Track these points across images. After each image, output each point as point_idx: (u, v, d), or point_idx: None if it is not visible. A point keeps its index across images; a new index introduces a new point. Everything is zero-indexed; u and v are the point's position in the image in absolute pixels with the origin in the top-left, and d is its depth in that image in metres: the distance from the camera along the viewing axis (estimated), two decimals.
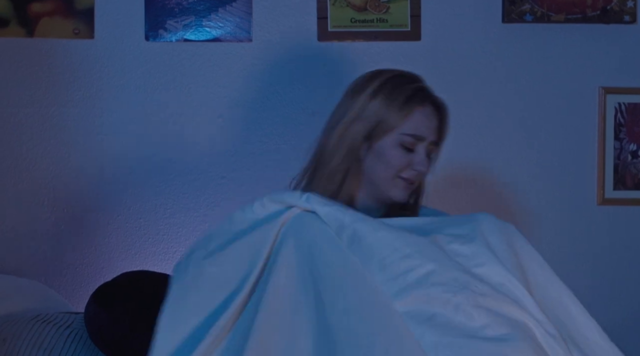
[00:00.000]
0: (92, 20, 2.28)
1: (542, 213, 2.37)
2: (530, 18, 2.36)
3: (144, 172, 2.30)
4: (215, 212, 2.31)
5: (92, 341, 1.78)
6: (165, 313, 1.43)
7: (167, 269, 2.26)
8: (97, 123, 2.29)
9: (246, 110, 2.32)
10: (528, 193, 2.37)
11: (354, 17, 2.34)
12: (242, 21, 2.32)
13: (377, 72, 1.68)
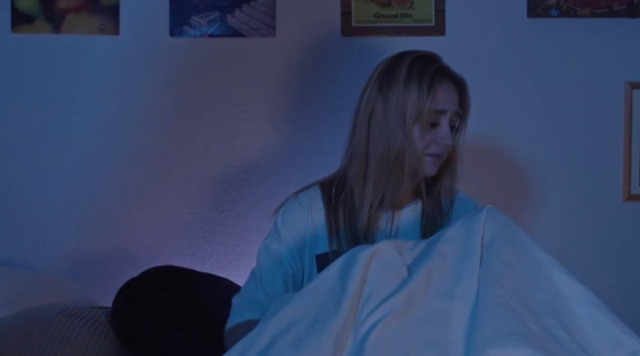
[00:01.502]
0: (118, 16, 2.29)
1: (567, 209, 2.35)
2: (555, 12, 2.34)
3: (168, 167, 2.31)
4: (239, 207, 2.32)
5: (118, 336, 1.80)
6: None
7: (192, 264, 2.27)
8: (122, 119, 2.31)
9: (270, 106, 2.32)
10: (553, 189, 2.35)
11: (378, 12, 2.33)
12: (265, 17, 2.32)
13: (399, 58, 1.74)
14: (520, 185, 2.35)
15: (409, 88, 1.70)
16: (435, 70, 1.72)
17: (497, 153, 2.34)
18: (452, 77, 1.75)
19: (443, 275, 1.39)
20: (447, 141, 1.71)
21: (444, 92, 1.72)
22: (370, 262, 1.41)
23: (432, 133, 1.72)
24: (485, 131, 1.66)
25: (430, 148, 1.72)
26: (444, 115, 1.71)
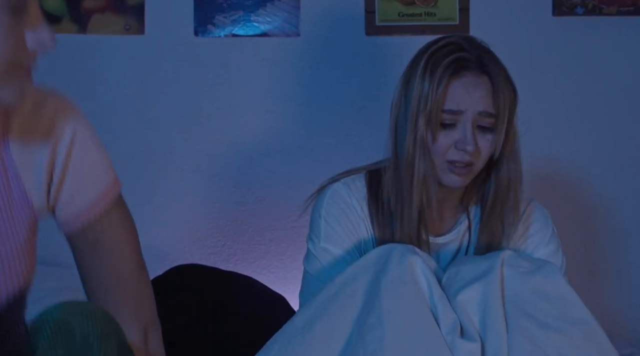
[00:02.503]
0: (143, 16, 2.31)
1: (588, 208, 2.34)
2: (581, 11, 2.33)
3: (193, 166, 2.32)
4: (262, 206, 2.32)
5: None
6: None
7: (216, 263, 2.28)
8: (147, 118, 2.32)
9: (294, 105, 2.33)
10: (583, 189, 2.34)
11: (402, 11, 2.33)
12: (290, 16, 2.33)
13: (422, 50, 1.56)
14: (544, 184, 2.34)
15: (423, 83, 1.49)
16: (452, 61, 1.49)
17: None
18: (481, 69, 1.50)
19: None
20: (466, 146, 1.48)
21: (460, 89, 1.49)
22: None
23: (449, 135, 1.50)
24: None
25: (449, 154, 1.50)
26: (461, 115, 1.49)
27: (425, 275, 1.38)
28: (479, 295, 1.38)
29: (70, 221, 1.25)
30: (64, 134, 1.20)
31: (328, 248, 1.58)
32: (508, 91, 1.52)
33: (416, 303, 1.36)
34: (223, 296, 1.92)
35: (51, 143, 1.19)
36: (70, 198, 1.23)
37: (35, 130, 1.18)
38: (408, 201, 1.52)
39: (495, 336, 1.35)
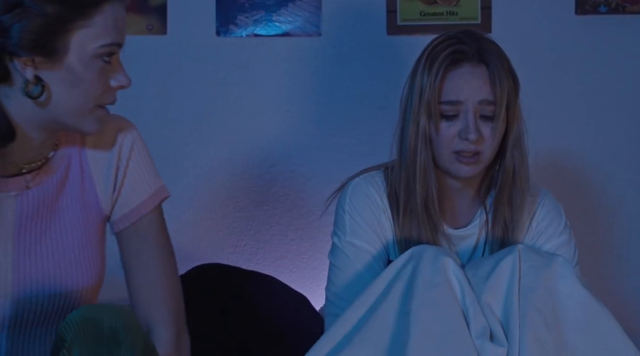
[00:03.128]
0: (165, 16, 2.32)
1: (612, 208, 2.32)
2: (604, 9, 2.31)
3: (215, 166, 2.33)
4: (284, 205, 2.33)
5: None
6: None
7: (238, 262, 2.29)
8: (168, 118, 2.33)
9: (315, 105, 2.33)
10: (602, 184, 2.32)
11: (424, 10, 2.32)
12: (311, 15, 2.33)
13: (425, 47, 1.60)
14: (563, 185, 2.32)
15: (423, 77, 1.54)
16: (450, 53, 1.53)
17: (541, 152, 2.31)
18: (479, 59, 1.54)
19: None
20: (469, 135, 1.52)
21: (458, 79, 1.53)
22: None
23: (452, 126, 1.54)
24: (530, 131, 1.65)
25: (454, 144, 1.54)
26: (461, 105, 1.53)
27: (457, 277, 1.39)
28: (503, 298, 1.39)
29: (124, 218, 1.42)
30: (126, 142, 1.42)
31: (354, 241, 1.61)
32: (507, 79, 1.55)
33: (448, 306, 1.37)
34: (245, 296, 1.92)
35: (117, 149, 1.41)
36: (127, 197, 1.42)
37: (105, 140, 1.40)
38: (413, 193, 1.57)
39: (515, 339, 1.36)
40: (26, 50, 1.25)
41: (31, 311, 1.34)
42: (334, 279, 1.63)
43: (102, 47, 1.29)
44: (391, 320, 1.38)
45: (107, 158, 1.41)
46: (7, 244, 1.32)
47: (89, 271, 1.37)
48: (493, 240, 1.62)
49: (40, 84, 1.27)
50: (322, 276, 2.19)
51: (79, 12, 1.27)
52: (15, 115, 1.29)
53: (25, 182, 1.34)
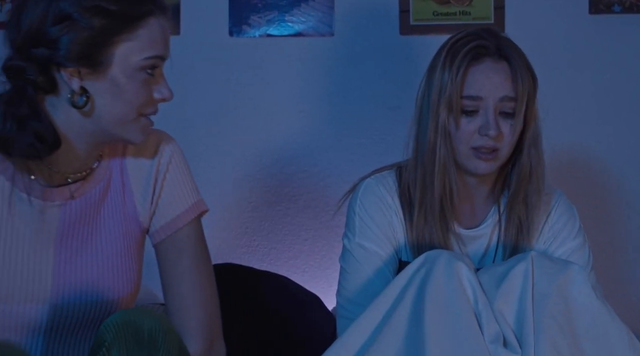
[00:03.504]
0: (178, 17, 2.33)
1: (629, 208, 2.31)
2: (618, 9, 2.30)
3: (228, 166, 2.34)
4: (297, 205, 2.33)
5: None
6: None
7: (250, 262, 2.29)
8: (181, 118, 2.34)
9: (328, 105, 2.33)
10: (616, 184, 2.31)
11: (436, 10, 2.32)
12: (324, 16, 2.33)
13: (443, 45, 1.60)
14: (581, 185, 2.32)
15: (443, 73, 1.54)
16: (470, 49, 1.53)
17: (557, 150, 2.31)
18: (500, 54, 1.54)
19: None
20: (489, 131, 1.51)
21: (479, 74, 1.53)
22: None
23: (472, 122, 1.53)
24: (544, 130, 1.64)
25: (473, 140, 1.54)
26: (481, 101, 1.52)
27: (470, 282, 1.39)
28: (516, 305, 1.38)
29: (161, 230, 1.45)
30: (165, 154, 1.47)
31: (363, 243, 1.60)
32: (527, 76, 1.55)
33: (462, 312, 1.37)
34: (257, 296, 1.93)
35: (156, 162, 1.45)
36: (163, 209, 1.45)
37: (145, 153, 1.45)
38: (430, 189, 1.56)
39: (530, 347, 1.35)
40: (73, 61, 1.28)
41: (68, 317, 1.36)
42: (344, 283, 1.63)
43: (146, 59, 1.33)
44: (404, 328, 1.38)
45: (146, 171, 1.45)
46: (49, 251, 1.35)
47: (126, 281, 1.40)
48: (506, 240, 1.62)
49: (86, 94, 1.31)
50: (334, 277, 2.18)
51: (125, 25, 1.31)
52: (62, 125, 1.33)
53: (70, 192, 1.37)
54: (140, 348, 1.19)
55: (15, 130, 1.28)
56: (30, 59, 1.29)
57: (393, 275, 1.56)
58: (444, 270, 1.38)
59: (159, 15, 1.34)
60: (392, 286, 1.42)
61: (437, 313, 1.36)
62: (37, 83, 1.29)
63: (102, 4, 1.29)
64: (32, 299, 1.34)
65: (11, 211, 1.33)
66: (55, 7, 1.28)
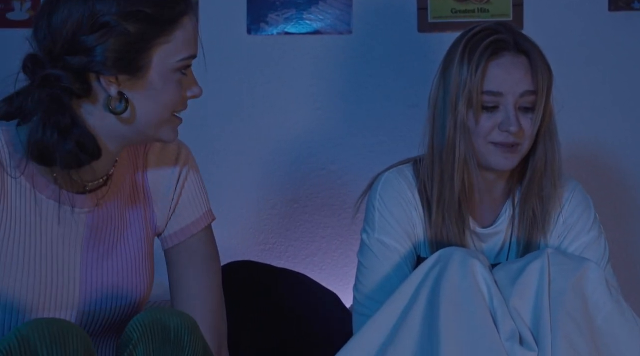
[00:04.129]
0: (197, 15, 2.33)
1: None
2: (638, 5, 2.29)
3: (244, 164, 2.34)
4: (314, 203, 2.33)
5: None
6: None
7: (268, 259, 2.30)
8: (199, 116, 2.35)
9: (345, 103, 2.33)
10: (633, 180, 2.30)
11: (455, 7, 2.31)
12: (342, 13, 2.33)
13: (457, 39, 1.59)
14: (595, 183, 2.31)
15: (462, 67, 1.52)
16: (489, 43, 1.52)
17: (573, 148, 2.30)
18: (518, 48, 1.53)
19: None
20: (509, 127, 1.51)
21: (499, 69, 1.52)
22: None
23: (492, 118, 1.53)
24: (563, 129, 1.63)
25: (492, 136, 1.53)
26: (501, 97, 1.52)
27: (485, 279, 1.38)
28: (532, 302, 1.38)
29: (174, 235, 1.47)
30: (186, 163, 1.48)
31: (382, 239, 1.60)
32: (545, 69, 1.55)
33: (477, 309, 1.37)
34: (275, 293, 1.93)
35: (178, 167, 1.47)
36: (179, 215, 1.47)
37: (166, 158, 1.46)
38: (449, 185, 1.55)
39: (546, 344, 1.35)
40: (110, 69, 1.27)
41: (94, 321, 1.37)
42: (361, 279, 1.62)
43: (182, 60, 1.32)
44: (420, 326, 1.38)
45: (166, 177, 1.46)
46: (76, 258, 1.36)
47: (145, 282, 1.42)
48: (520, 234, 1.61)
49: (124, 99, 1.30)
50: (352, 274, 2.18)
51: (161, 29, 1.29)
52: (98, 131, 1.32)
53: (97, 199, 1.38)
54: (165, 346, 1.19)
55: (56, 140, 1.27)
56: (66, 67, 1.27)
57: (411, 271, 1.55)
58: (458, 268, 1.38)
59: (190, 14, 1.33)
60: (407, 284, 1.42)
61: (452, 311, 1.35)
62: (72, 90, 1.27)
63: (138, 9, 1.27)
64: (62, 306, 1.34)
65: (42, 220, 1.33)
66: (90, 13, 1.26)
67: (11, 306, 1.30)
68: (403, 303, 1.41)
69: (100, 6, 1.26)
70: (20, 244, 1.31)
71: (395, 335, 1.38)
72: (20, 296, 1.31)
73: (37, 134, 1.27)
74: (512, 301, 1.38)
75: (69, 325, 1.16)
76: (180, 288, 1.46)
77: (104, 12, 1.26)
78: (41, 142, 1.27)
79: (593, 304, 1.39)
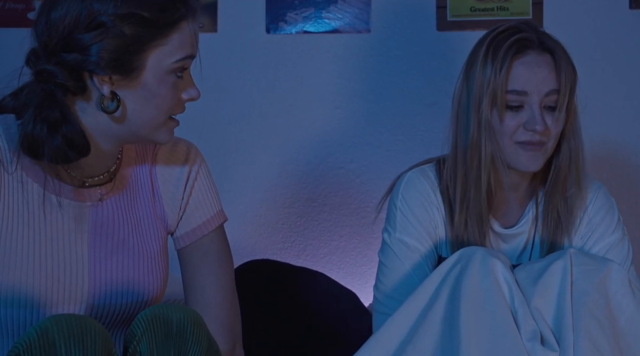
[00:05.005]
0: (216, 14, 2.34)
1: None
2: None
3: (263, 163, 2.35)
4: (332, 201, 2.33)
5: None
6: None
7: (286, 258, 2.30)
8: (219, 115, 2.35)
9: (364, 101, 2.33)
10: None
11: (474, 5, 2.31)
12: (360, 12, 2.33)
13: (481, 39, 1.59)
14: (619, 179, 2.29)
15: (485, 67, 1.51)
16: (513, 42, 1.51)
17: (593, 148, 2.28)
18: (542, 47, 1.52)
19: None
20: (535, 126, 1.49)
21: (523, 68, 1.51)
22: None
23: (517, 117, 1.52)
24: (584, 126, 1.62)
25: (517, 135, 1.52)
26: (526, 96, 1.51)
27: (505, 279, 1.38)
28: (554, 302, 1.37)
29: (186, 236, 1.48)
30: (195, 164, 1.48)
31: (403, 238, 1.60)
32: (569, 68, 1.54)
33: (497, 309, 1.36)
34: (295, 291, 1.94)
35: (186, 169, 1.47)
36: (190, 215, 1.48)
37: (175, 160, 1.47)
38: (475, 186, 1.54)
39: (569, 345, 1.34)
40: (104, 69, 1.27)
41: (104, 316, 1.38)
42: (382, 278, 1.62)
43: (177, 62, 1.32)
44: (440, 326, 1.38)
45: (175, 177, 1.46)
46: (84, 251, 1.37)
47: (157, 280, 1.42)
48: (543, 235, 1.60)
49: (116, 99, 1.30)
50: (370, 273, 2.18)
51: (157, 32, 1.29)
52: (90, 128, 1.33)
53: (100, 194, 1.39)
54: (168, 340, 1.20)
55: (45, 134, 1.28)
56: (61, 63, 1.27)
57: (431, 271, 1.54)
58: (479, 267, 1.38)
59: (190, 18, 1.33)
60: (428, 283, 1.42)
61: (473, 311, 1.35)
62: (67, 87, 1.28)
63: (136, 11, 1.27)
64: (70, 301, 1.35)
65: (45, 215, 1.34)
66: (87, 12, 1.27)
67: (18, 300, 1.31)
68: (423, 302, 1.41)
69: (98, 6, 1.27)
70: (24, 239, 1.33)
71: (415, 334, 1.38)
72: (27, 290, 1.31)
73: (28, 127, 1.28)
74: (534, 301, 1.37)
75: (89, 321, 1.17)
76: (193, 288, 1.47)
77: (101, 11, 1.27)
78: (31, 136, 1.28)
79: (616, 305, 1.38)
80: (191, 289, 1.47)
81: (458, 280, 1.38)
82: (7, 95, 1.34)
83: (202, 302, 1.45)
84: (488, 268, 1.38)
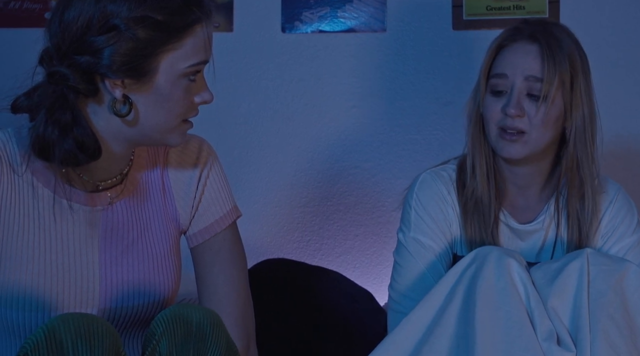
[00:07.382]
0: (232, 13, 2.35)
1: None
2: None
3: (279, 162, 2.35)
4: (348, 200, 2.33)
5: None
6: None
7: (302, 257, 2.30)
8: (235, 114, 2.36)
9: (380, 101, 2.33)
10: None
11: (490, 4, 2.30)
12: (376, 11, 2.33)
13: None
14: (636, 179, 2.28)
15: (483, 60, 1.59)
16: (505, 32, 1.57)
17: (608, 146, 2.27)
18: (532, 38, 1.54)
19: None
20: (509, 109, 1.51)
21: (507, 53, 1.54)
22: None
23: (499, 102, 1.54)
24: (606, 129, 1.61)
25: (499, 120, 1.54)
26: (507, 79, 1.53)
27: (521, 279, 1.38)
28: (571, 303, 1.37)
29: (199, 234, 1.47)
30: (207, 161, 1.48)
31: (418, 238, 1.61)
32: (563, 59, 1.53)
33: (513, 308, 1.36)
34: (310, 291, 1.94)
35: (199, 168, 1.46)
36: (203, 214, 1.47)
37: (187, 159, 1.46)
38: (481, 179, 1.57)
39: (585, 345, 1.34)
40: (116, 72, 1.26)
41: (116, 318, 1.38)
42: (397, 277, 1.63)
43: (190, 66, 1.31)
44: (455, 325, 1.38)
45: (188, 175, 1.45)
46: (95, 256, 1.37)
47: (170, 280, 1.42)
48: (562, 235, 1.60)
49: (128, 102, 1.29)
50: (385, 273, 2.18)
51: (171, 36, 1.28)
52: (102, 131, 1.32)
53: (110, 198, 1.38)
54: (188, 340, 1.20)
55: (56, 136, 1.27)
56: (73, 65, 1.26)
57: (446, 270, 1.55)
58: (494, 267, 1.37)
59: (204, 21, 1.32)
60: (443, 283, 1.42)
61: (488, 310, 1.35)
62: (78, 89, 1.27)
63: (150, 14, 1.26)
64: (82, 305, 1.35)
65: (56, 219, 1.34)
66: (101, 14, 1.25)
67: (30, 304, 1.31)
68: (439, 302, 1.40)
69: (112, 8, 1.25)
70: (36, 243, 1.33)
71: (430, 334, 1.38)
72: (39, 294, 1.32)
73: (39, 129, 1.27)
74: (550, 301, 1.37)
75: (97, 320, 1.17)
76: (206, 286, 1.46)
77: (114, 14, 1.25)
78: (42, 138, 1.27)
79: (633, 305, 1.38)
80: (204, 286, 1.47)
81: (473, 280, 1.38)
82: (21, 95, 1.33)
83: (215, 299, 1.45)
84: (504, 268, 1.37)
